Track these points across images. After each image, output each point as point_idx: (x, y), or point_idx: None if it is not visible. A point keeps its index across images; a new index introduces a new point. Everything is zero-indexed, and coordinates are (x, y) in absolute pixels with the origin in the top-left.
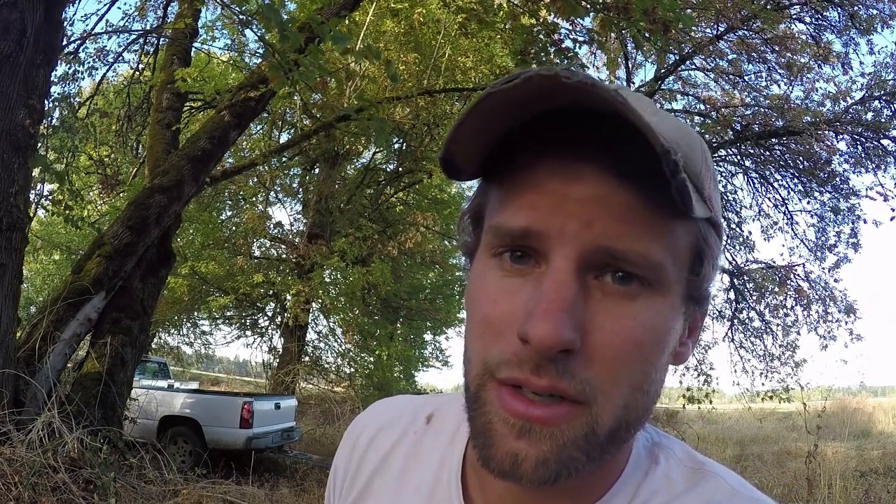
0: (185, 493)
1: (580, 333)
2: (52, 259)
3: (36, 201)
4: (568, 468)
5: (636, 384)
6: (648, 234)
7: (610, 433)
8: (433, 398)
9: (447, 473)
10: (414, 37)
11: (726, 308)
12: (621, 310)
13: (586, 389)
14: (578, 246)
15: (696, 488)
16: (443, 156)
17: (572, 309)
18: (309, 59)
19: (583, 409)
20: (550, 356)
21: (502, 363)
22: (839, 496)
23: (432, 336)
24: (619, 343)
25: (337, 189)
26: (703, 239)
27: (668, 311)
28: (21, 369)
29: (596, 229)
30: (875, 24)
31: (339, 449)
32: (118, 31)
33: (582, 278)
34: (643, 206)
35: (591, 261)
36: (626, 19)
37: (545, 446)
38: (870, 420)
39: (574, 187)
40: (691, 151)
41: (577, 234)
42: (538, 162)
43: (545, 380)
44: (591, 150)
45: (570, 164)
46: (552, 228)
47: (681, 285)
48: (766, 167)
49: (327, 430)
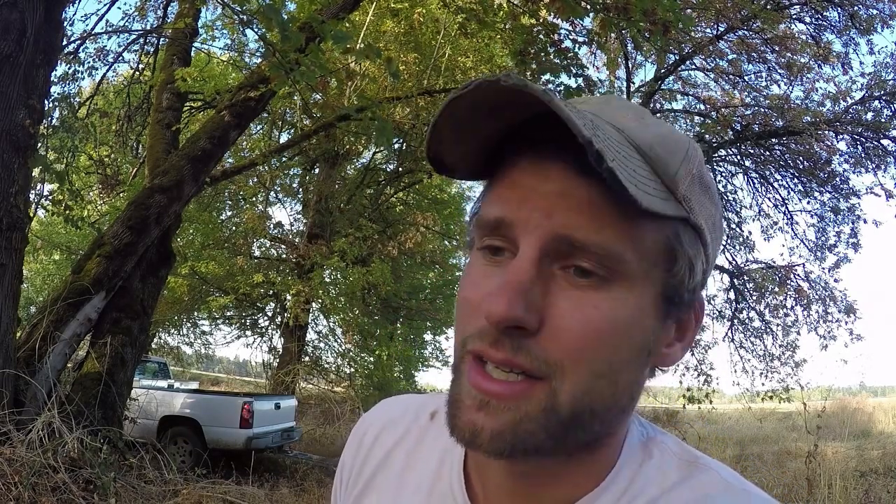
0: (185, 493)
1: (537, 315)
2: (52, 259)
3: (36, 201)
4: (524, 442)
5: (597, 371)
6: (607, 227)
7: (572, 415)
8: (437, 396)
9: (448, 469)
10: (414, 37)
11: (726, 308)
12: (584, 299)
13: (542, 367)
14: (541, 235)
15: (689, 480)
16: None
17: (527, 291)
18: (310, 58)
19: (541, 385)
20: (505, 331)
21: (471, 336)
22: (839, 496)
23: (432, 336)
24: (579, 328)
25: (337, 189)
26: (675, 238)
27: (634, 304)
28: (21, 369)
29: (556, 220)
30: (875, 24)
31: (346, 445)
32: (118, 31)
33: (546, 266)
34: (604, 201)
35: (553, 249)
36: (626, 19)
37: (502, 419)
38: (870, 420)
39: (541, 184)
40: (668, 154)
41: (538, 223)
42: (517, 161)
43: (501, 353)
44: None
45: (541, 163)
46: (519, 219)
47: (651, 281)
48: (766, 167)
49: (327, 430)
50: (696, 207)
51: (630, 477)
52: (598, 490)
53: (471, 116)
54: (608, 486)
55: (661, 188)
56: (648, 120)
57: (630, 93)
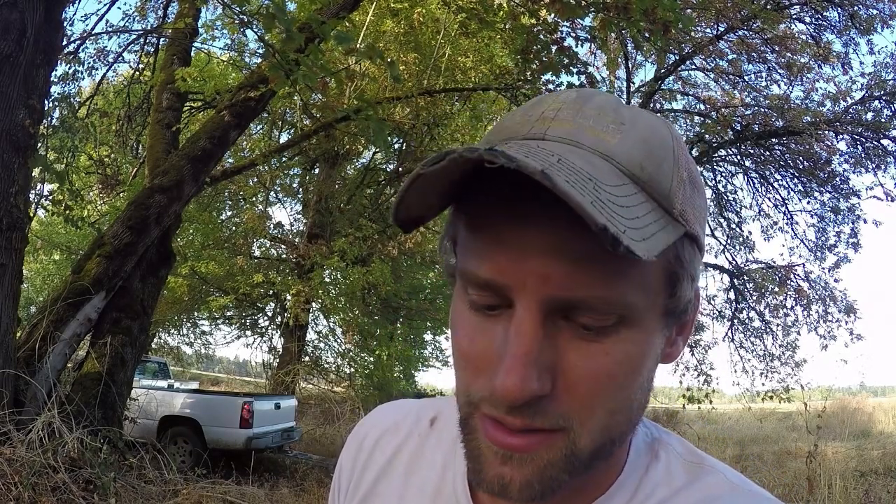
0: (185, 493)
1: (551, 375)
2: (52, 259)
3: (36, 201)
4: (552, 487)
5: (613, 409)
6: (610, 277)
7: (592, 453)
8: (436, 401)
9: (451, 475)
10: (414, 37)
11: (726, 308)
12: (593, 348)
13: (560, 421)
14: (539, 298)
15: (696, 482)
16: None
17: (537, 359)
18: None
19: (560, 435)
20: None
21: (483, 400)
22: (839, 496)
23: (432, 336)
24: (592, 378)
25: (337, 189)
26: (676, 260)
27: (642, 339)
28: (21, 369)
29: (554, 282)
30: (875, 24)
31: (343, 451)
32: (118, 31)
33: (550, 322)
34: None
35: (555, 308)
36: (626, 19)
37: (527, 470)
38: (870, 420)
39: (531, 239)
40: (658, 170)
41: (536, 287)
42: (495, 212)
43: (518, 420)
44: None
45: (527, 216)
46: (514, 281)
47: (656, 310)
48: (766, 167)
49: (327, 430)
50: (691, 214)
51: (638, 480)
52: (607, 496)
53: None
54: (616, 491)
55: (660, 215)
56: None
57: (630, 93)
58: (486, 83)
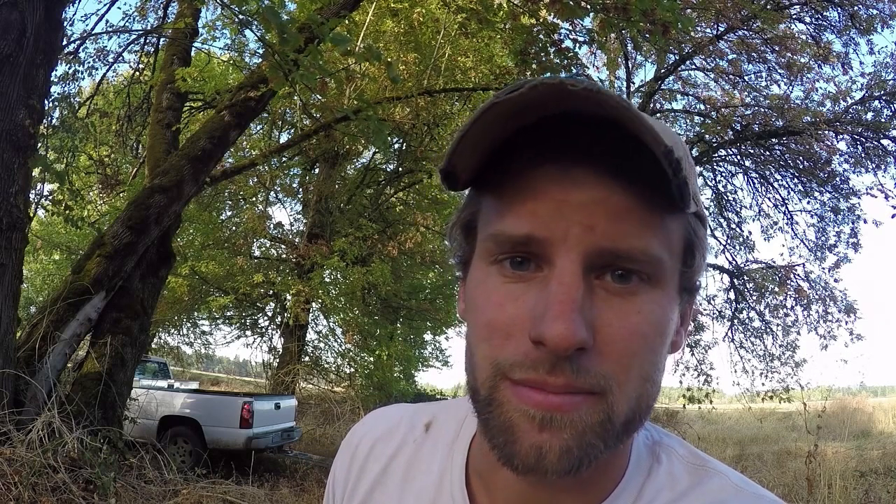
0: (185, 493)
1: (592, 331)
2: (52, 259)
3: (36, 201)
4: (588, 456)
5: (646, 375)
6: (647, 231)
7: (625, 422)
8: (429, 406)
9: (448, 480)
10: (414, 37)
11: (726, 308)
12: (626, 306)
13: (601, 382)
14: (583, 249)
15: (700, 486)
16: (445, 167)
17: (582, 309)
18: (309, 59)
19: (598, 398)
20: (566, 356)
21: (515, 365)
22: (839, 496)
23: (432, 336)
24: (628, 337)
25: (337, 189)
26: (693, 232)
27: (667, 303)
28: (21, 369)
29: (598, 232)
30: (875, 24)
31: (336, 458)
32: (118, 31)
33: (587, 279)
34: (641, 205)
35: (595, 262)
36: (626, 20)
37: (566, 434)
38: (870, 420)
39: (573, 192)
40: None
41: (580, 237)
42: (534, 169)
43: (561, 378)
44: (586, 154)
45: (568, 170)
46: (555, 234)
47: (675, 278)
48: (766, 167)
49: (327, 430)
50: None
51: (640, 484)
52: (609, 500)
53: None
54: (619, 495)
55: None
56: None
57: (630, 93)
58: (486, 83)
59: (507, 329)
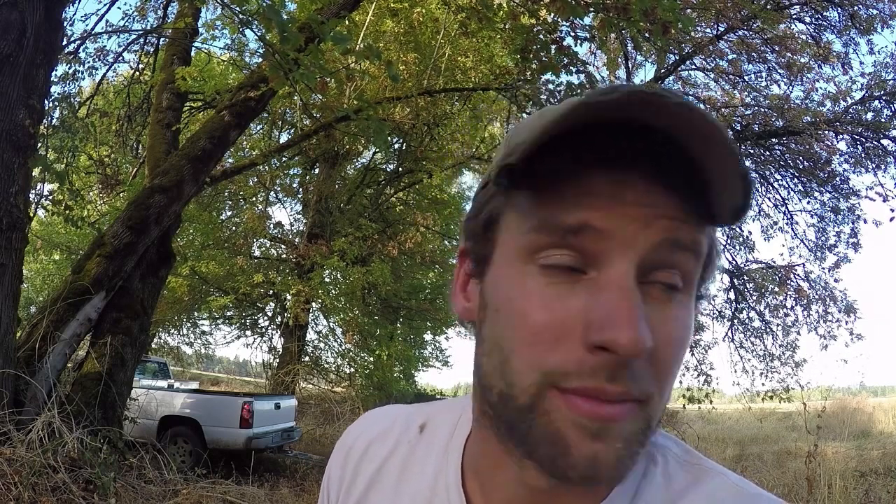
0: (185, 493)
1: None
2: (52, 259)
3: (36, 201)
4: (633, 462)
5: (673, 381)
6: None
7: (654, 428)
8: (423, 407)
9: (444, 481)
10: (414, 37)
11: (726, 308)
12: (666, 311)
13: (648, 389)
14: (639, 248)
15: (698, 486)
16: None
17: (643, 314)
18: (309, 58)
19: (642, 406)
20: (628, 363)
21: (570, 373)
22: (839, 496)
23: (432, 336)
24: (671, 344)
25: (337, 189)
26: (713, 243)
27: (691, 309)
28: (21, 369)
29: (654, 229)
30: (875, 24)
31: (331, 460)
32: (118, 31)
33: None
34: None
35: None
36: (626, 20)
37: (618, 444)
38: (870, 420)
39: (626, 193)
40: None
41: (635, 235)
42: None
43: (619, 386)
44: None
45: (619, 175)
46: (611, 227)
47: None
48: (766, 167)
49: (327, 430)
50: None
51: (636, 484)
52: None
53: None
54: (615, 497)
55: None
56: None
57: None
58: (486, 83)
59: (556, 333)
